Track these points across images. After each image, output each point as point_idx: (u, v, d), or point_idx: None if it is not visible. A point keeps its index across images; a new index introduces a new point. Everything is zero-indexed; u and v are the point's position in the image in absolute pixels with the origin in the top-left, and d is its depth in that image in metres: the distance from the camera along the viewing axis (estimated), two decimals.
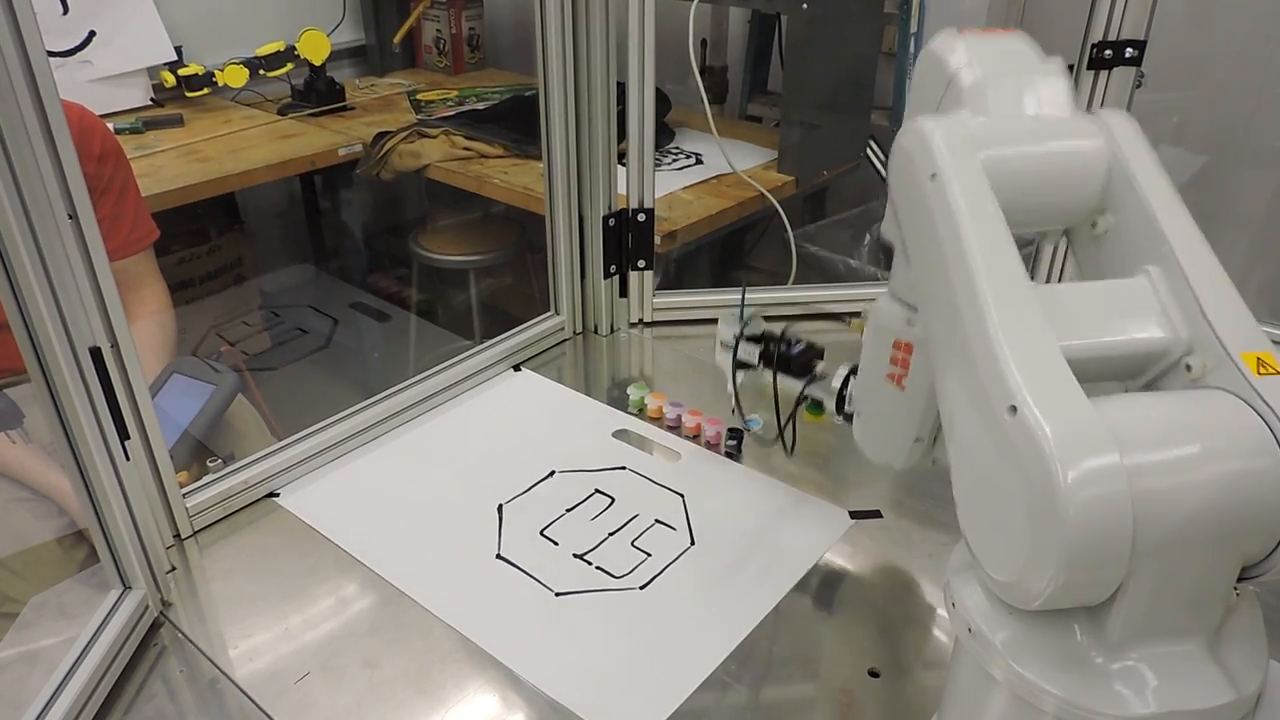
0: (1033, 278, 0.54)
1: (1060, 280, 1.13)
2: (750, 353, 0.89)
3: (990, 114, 0.57)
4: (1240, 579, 0.47)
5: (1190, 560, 0.45)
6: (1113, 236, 0.57)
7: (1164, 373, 0.52)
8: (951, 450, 0.52)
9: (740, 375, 0.90)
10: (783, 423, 0.88)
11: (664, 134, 1.97)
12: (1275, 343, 0.50)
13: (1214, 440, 0.45)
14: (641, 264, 1.20)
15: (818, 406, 0.86)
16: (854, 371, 0.80)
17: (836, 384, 0.82)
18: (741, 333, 0.89)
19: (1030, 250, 1.18)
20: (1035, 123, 0.57)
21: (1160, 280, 0.53)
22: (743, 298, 0.91)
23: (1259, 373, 0.48)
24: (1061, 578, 0.43)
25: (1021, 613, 0.49)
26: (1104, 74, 1.04)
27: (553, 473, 0.95)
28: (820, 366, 0.86)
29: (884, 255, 1.63)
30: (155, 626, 0.78)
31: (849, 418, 0.80)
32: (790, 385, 0.87)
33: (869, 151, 1.85)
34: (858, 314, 0.79)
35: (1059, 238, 0.62)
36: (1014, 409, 0.45)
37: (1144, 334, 0.52)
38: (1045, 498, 0.43)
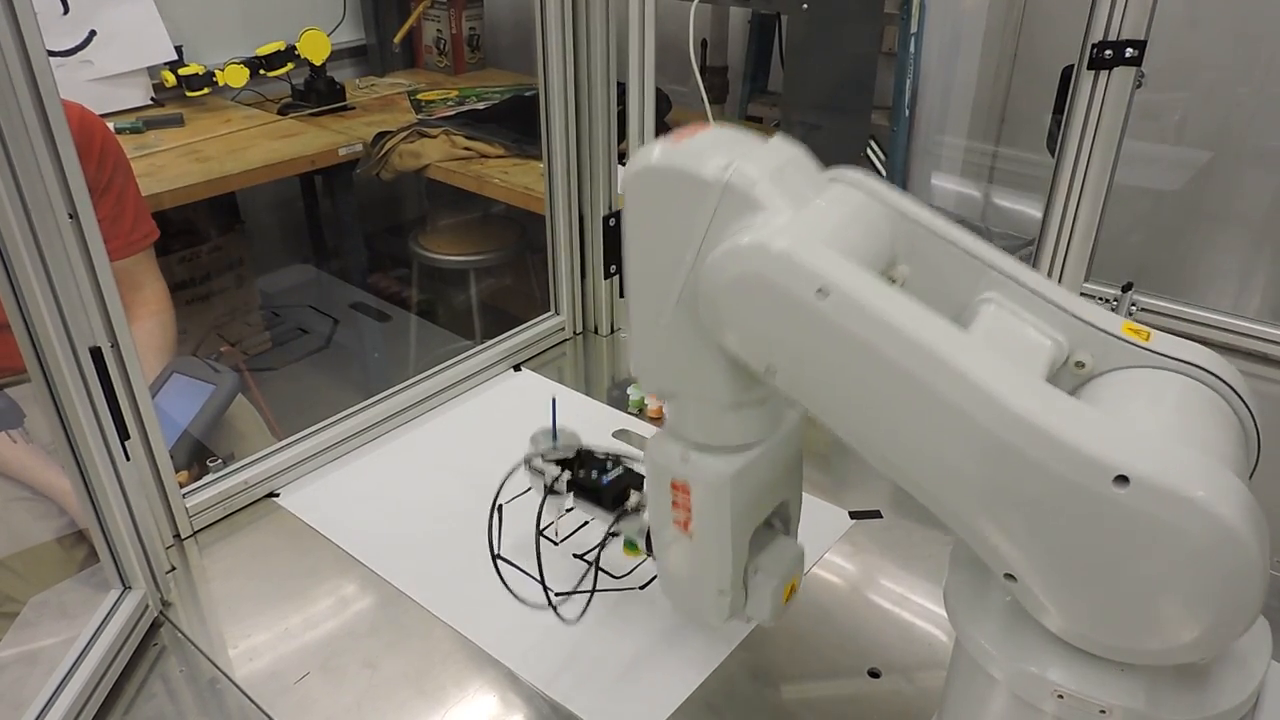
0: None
1: (1061, 280, 1.13)
2: (559, 478, 0.77)
3: (789, 208, 0.51)
4: None
5: None
6: (916, 283, 0.55)
7: (1053, 379, 0.52)
8: (1021, 566, 0.46)
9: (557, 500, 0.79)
10: (593, 560, 0.75)
11: (664, 134, 1.97)
12: (1275, 343, 0.50)
13: (1208, 416, 0.47)
14: None
15: (633, 543, 0.75)
16: None
17: (648, 518, 0.71)
18: (550, 454, 0.78)
19: (1030, 251, 1.18)
20: (828, 200, 0.54)
21: (1007, 302, 0.53)
22: (554, 414, 0.81)
23: (1145, 339, 0.50)
24: (1258, 610, 0.42)
25: (1022, 612, 0.49)
26: (1104, 74, 1.04)
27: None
28: (634, 499, 0.74)
29: None
30: (155, 626, 0.78)
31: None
32: (603, 517, 0.76)
33: (869, 151, 1.85)
34: None
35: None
36: (1124, 479, 0.41)
37: (1042, 350, 0.52)
38: (1221, 543, 0.40)
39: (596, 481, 0.75)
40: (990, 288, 0.54)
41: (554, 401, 0.83)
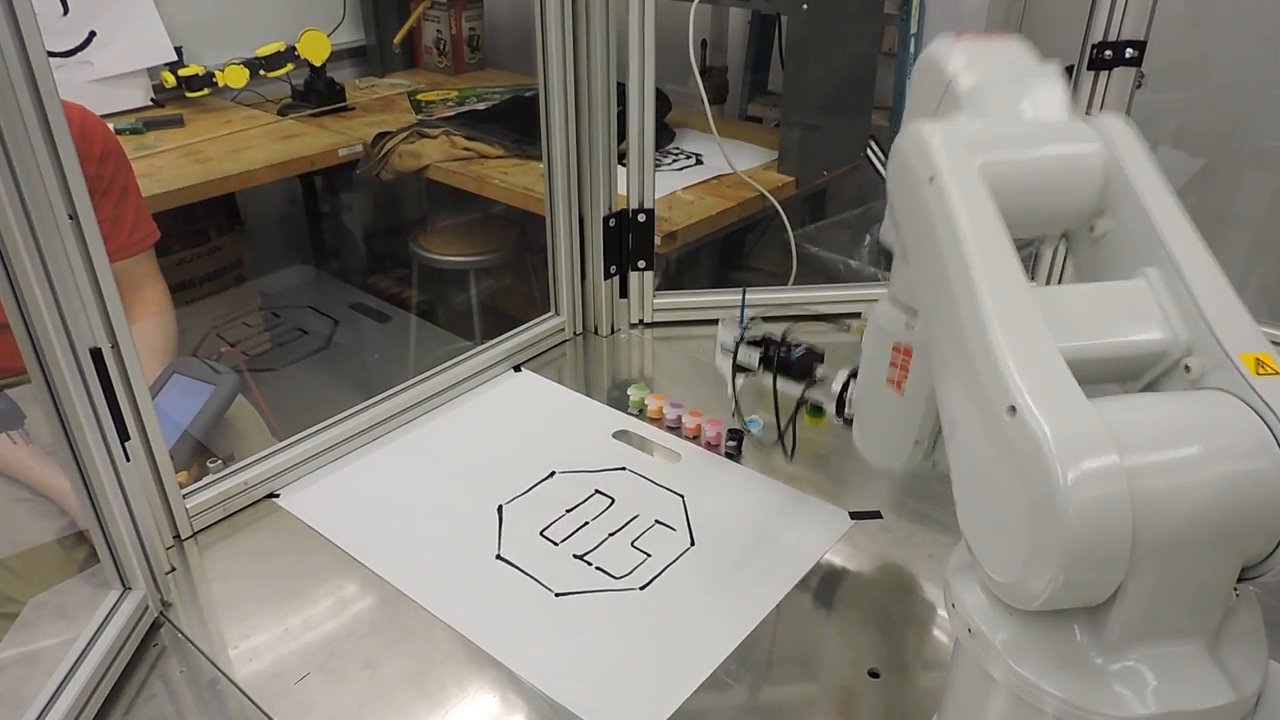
0: (1032, 279, 0.54)
1: (1060, 282, 1.14)
2: (750, 356, 0.89)
3: (988, 118, 0.57)
4: (1240, 579, 0.47)
5: (1190, 561, 0.45)
6: (1111, 240, 0.57)
7: (1163, 374, 0.52)
8: (951, 452, 0.52)
9: (740, 379, 0.90)
10: (782, 426, 0.88)
11: (664, 134, 1.97)
12: (1275, 343, 0.50)
13: (1214, 441, 0.45)
14: (642, 264, 1.20)
15: (818, 410, 0.87)
16: (854, 375, 0.80)
17: (836, 387, 0.83)
18: (742, 336, 0.89)
19: (1031, 251, 1.18)
20: (1033, 127, 0.58)
21: (1158, 282, 0.53)
22: (743, 301, 0.91)
23: (1258, 373, 0.48)
24: (1061, 578, 0.43)
25: (1021, 613, 0.49)
26: (1104, 75, 1.04)
27: (553, 473, 0.95)
28: (820, 370, 0.86)
29: (884, 256, 1.64)
30: (155, 627, 0.78)
31: (849, 421, 0.80)
32: (790, 389, 0.87)
33: (869, 152, 1.85)
34: (857, 315, 0.79)
35: (1057, 241, 0.63)
36: (1013, 409, 0.45)
37: (1142, 335, 0.52)
38: (1045, 498, 0.43)
39: (786, 357, 0.87)
40: (1156, 263, 0.54)
41: (744, 292, 0.96)
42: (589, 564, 0.84)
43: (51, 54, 0.71)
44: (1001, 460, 0.46)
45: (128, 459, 0.75)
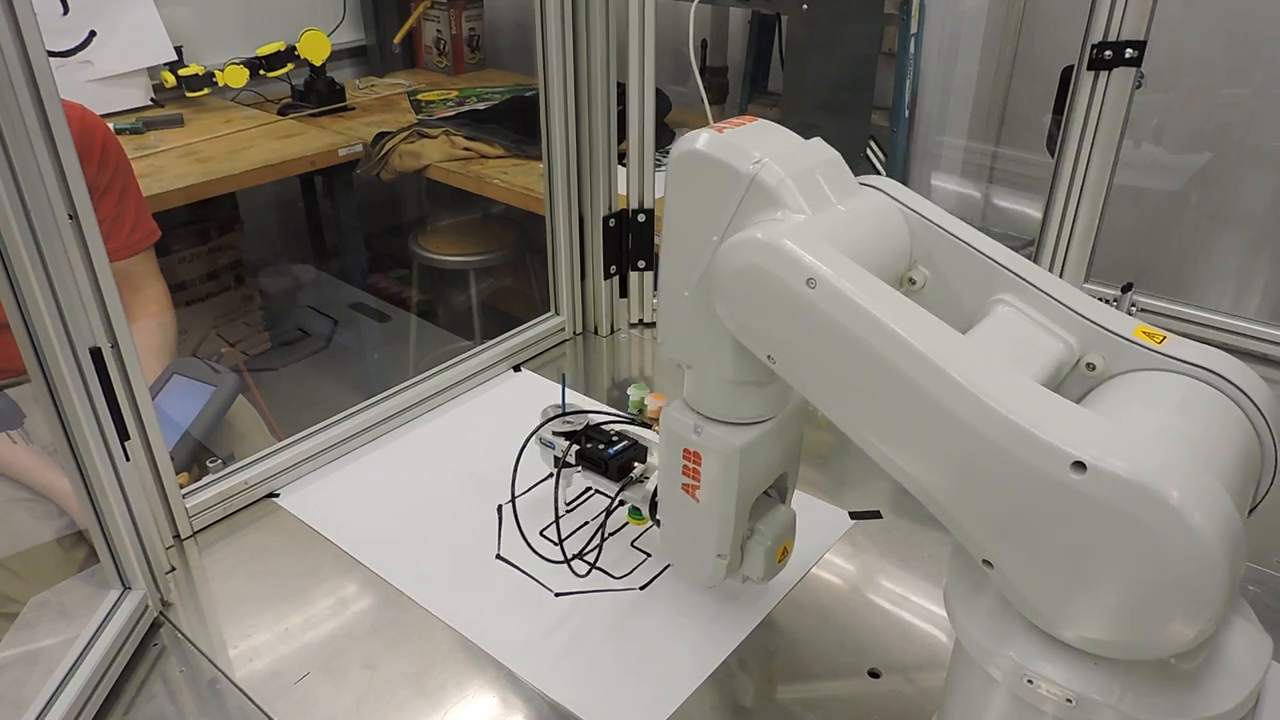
0: None
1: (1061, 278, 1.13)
2: (568, 451, 0.82)
3: (808, 209, 0.55)
4: None
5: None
6: (933, 288, 0.59)
7: (1064, 380, 0.54)
8: (996, 552, 0.47)
9: (568, 473, 0.84)
10: (599, 527, 0.81)
11: (664, 134, 1.97)
12: (1275, 344, 0.50)
13: (1207, 416, 0.47)
14: (642, 264, 1.20)
15: (637, 511, 0.81)
16: None
17: (651, 487, 0.77)
18: (562, 429, 0.83)
19: (1030, 251, 1.18)
20: (850, 205, 0.57)
21: (1022, 305, 0.55)
22: (563, 391, 0.86)
23: (1157, 343, 0.51)
24: (1224, 602, 0.41)
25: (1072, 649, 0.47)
26: (1104, 75, 1.04)
27: (553, 473, 0.95)
28: (639, 469, 0.80)
29: None
30: (155, 626, 0.78)
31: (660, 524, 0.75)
32: (607, 488, 0.81)
33: (869, 151, 1.85)
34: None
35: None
36: (1081, 465, 0.42)
37: (1050, 352, 0.53)
38: (1174, 530, 0.40)
39: (603, 453, 0.80)
40: (1005, 289, 0.56)
41: (564, 377, 0.90)
42: (589, 564, 0.84)
43: (51, 53, 0.71)
44: (1088, 522, 0.42)
45: (127, 459, 0.75)
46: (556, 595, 0.80)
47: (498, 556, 0.85)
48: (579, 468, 0.82)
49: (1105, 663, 0.46)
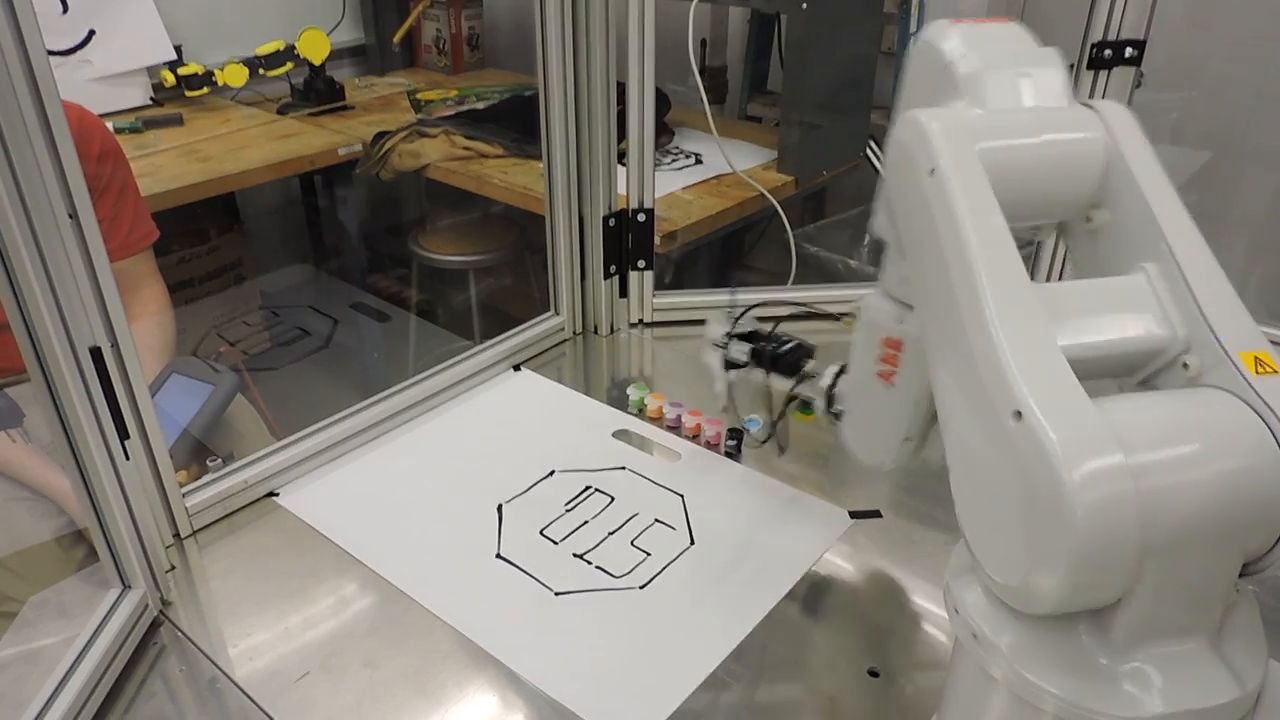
0: (1032, 277, 0.53)
1: (1060, 279, 1.13)
2: (740, 351, 0.88)
3: (987, 105, 0.56)
4: (1241, 575, 0.47)
5: (1194, 559, 0.45)
6: (1109, 232, 0.57)
7: (1160, 370, 0.52)
8: (950, 453, 0.52)
9: (732, 374, 0.89)
10: (775, 421, 0.87)
11: (664, 134, 1.97)
12: (1275, 343, 0.50)
13: (1214, 439, 0.46)
14: (641, 264, 1.20)
15: (807, 406, 0.85)
16: (844, 370, 0.79)
17: (826, 382, 0.81)
18: (732, 331, 0.88)
19: (1030, 250, 1.18)
20: (1033, 114, 0.57)
21: (1158, 278, 0.53)
22: (733, 295, 0.90)
23: (1257, 372, 0.48)
24: (1070, 581, 0.43)
25: (1026, 617, 0.49)
26: (1104, 74, 1.04)
27: (552, 472, 0.95)
28: (810, 365, 0.85)
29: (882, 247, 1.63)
30: (155, 626, 0.78)
31: (838, 417, 0.80)
32: (780, 384, 0.86)
33: (869, 151, 1.84)
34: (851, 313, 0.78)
35: (1053, 232, 0.62)
36: (1019, 414, 0.44)
37: (1142, 332, 0.51)
38: (1052, 501, 0.42)
39: (775, 351, 0.86)
40: (1154, 259, 0.53)
41: (733, 288, 0.94)
42: (589, 563, 0.84)
43: (51, 53, 0.71)
44: (1006, 464, 0.46)
45: (127, 458, 0.75)
46: (556, 595, 0.80)
47: (498, 556, 0.85)
48: (750, 365, 0.87)
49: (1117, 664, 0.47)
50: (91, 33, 1.99)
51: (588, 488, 0.93)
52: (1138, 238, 0.55)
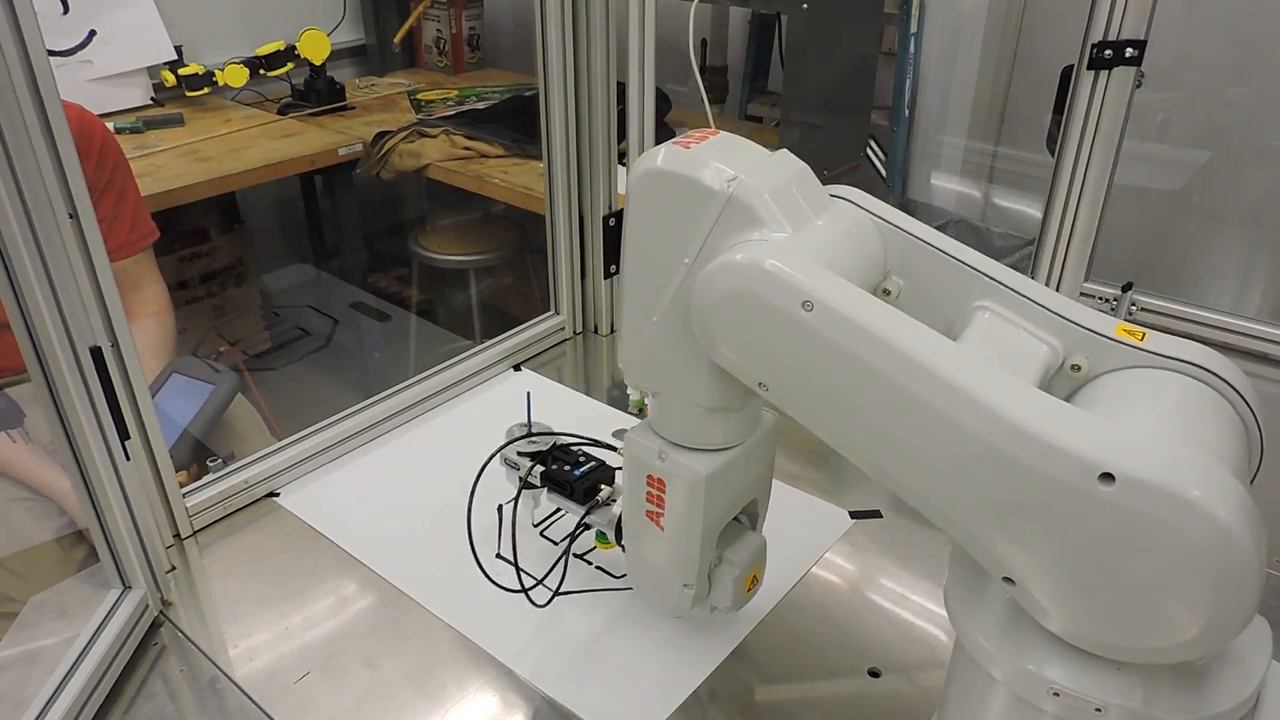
0: (1032, 277, 0.53)
1: (1059, 285, 1.14)
2: (534, 473, 0.79)
3: (789, 226, 0.52)
4: None
5: None
6: (910, 295, 0.58)
7: (1051, 382, 0.53)
8: (1019, 568, 0.46)
9: (529, 495, 0.82)
10: (564, 550, 0.77)
11: (664, 134, 1.97)
12: (1274, 343, 0.50)
13: (1204, 414, 0.47)
14: None
15: (604, 535, 0.77)
16: None
17: (618, 511, 0.73)
18: (526, 449, 0.81)
19: (1029, 250, 1.18)
20: (828, 219, 0.55)
21: (1002, 309, 0.54)
22: (529, 408, 0.83)
23: (1140, 340, 0.50)
24: (1255, 606, 0.41)
25: (1067, 644, 0.47)
26: (1104, 74, 1.04)
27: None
28: (605, 491, 0.76)
29: None
30: (155, 626, 0.78)
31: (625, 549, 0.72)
32: (574, 511, 0.77)
33: (869, 151, 1.84)
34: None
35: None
36: (1109, 476, 0.41)
37: (1038, 356, 0.53)
38: (1211, 538, 0.40)
39: (568, 474, 0.76)
40: (984, 296, 0.55)
41: (529, 396, 0.85)
42: (589, 563, 0.84)
43: (51, 53, 0.71)
44: (1117, 532, 0.42)
45: (127, 458, 0.75)
46: (557, 595, 0.80)
47: (498, 556, 0.85)
48: (544, 489, 0.79)
49: (1125, 667, 0.46)
50: (92, 33, 1.99)
51: (558, 509, 0.93)
52: (951, 289, 0.56)
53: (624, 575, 0.82)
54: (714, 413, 0.59)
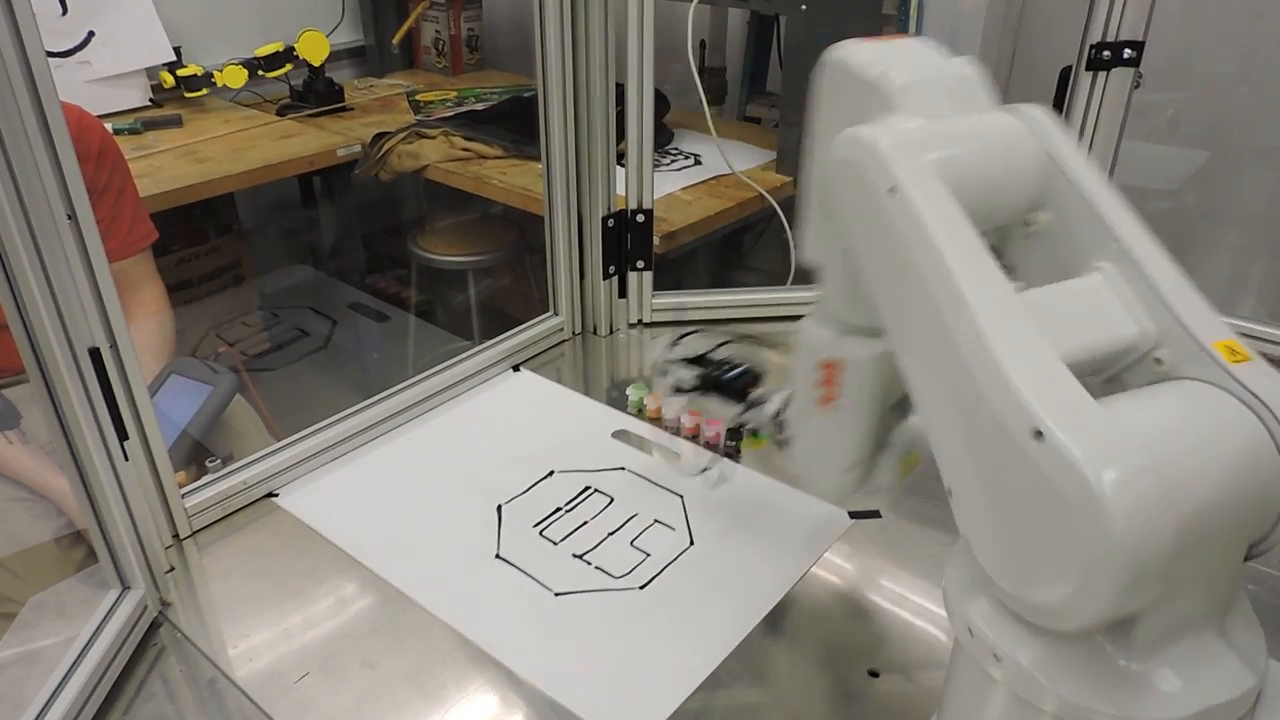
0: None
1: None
2: (687, 376, 0.86)
3: (924, 117, 0.55)
4: (1245, 559, 0.48)
5: (1212, 551, 0.45)
6: (1051, 234, 0.57)
7: (1128, 367, 0.52)
8: (952, 477, 0.50)
9: (681, 399, 0.88)
10: (727, 448, 0.85)
11: (663, 135, 1.98)
12: (1275, 343, 0.50)
13: (1214, 431, 0.46)
14: (640, 264, 1.20)
15: (755, 433, 0.82)
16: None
17: (773, 408, 0.78)
18: (677, 355, 0.86)
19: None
20: (970, 122, 0.56)
21: (1116, 276, 0.53)
22: (684, 333, 0.87)
23: (1233, 360, 0.48)
24: (1114, 592, 0.42)
25: (1043, 631, 0.48)
26: (1102, 75, 1.04)
27: (552, 473, 0.95)
28: (758, 391, 0.81)
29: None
30: (154, 626, 0.78)
31: (785, 443, 0.76)
32: (728, 410, 0.83)
33: None
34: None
35: (991, 239, 0.61)
36: (1039, 434, 0.43)
37: (1115, 332, 0.51)
38: (1088, 516, 0.41)
39: (721, 377, 0.83)
40: (1109, 257, 0.53)
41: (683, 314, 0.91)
42: (588, 563, 0.84)
43: (50, 54, 0.71)
44: (1031, 487, 0.44)
45: (126, 459, 0.75)
46: (556, 595, 0.80)
47: (497, 556, 0.85)
48: (696, 392, 0.85)
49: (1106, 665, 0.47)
50: (91, 34, 1.99)
51: (587, 488, 0.93)
52: (1085, 238, 0.54)
53: (624, 576, 0.82)
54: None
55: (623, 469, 0.96)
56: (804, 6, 1.61)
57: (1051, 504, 0.43)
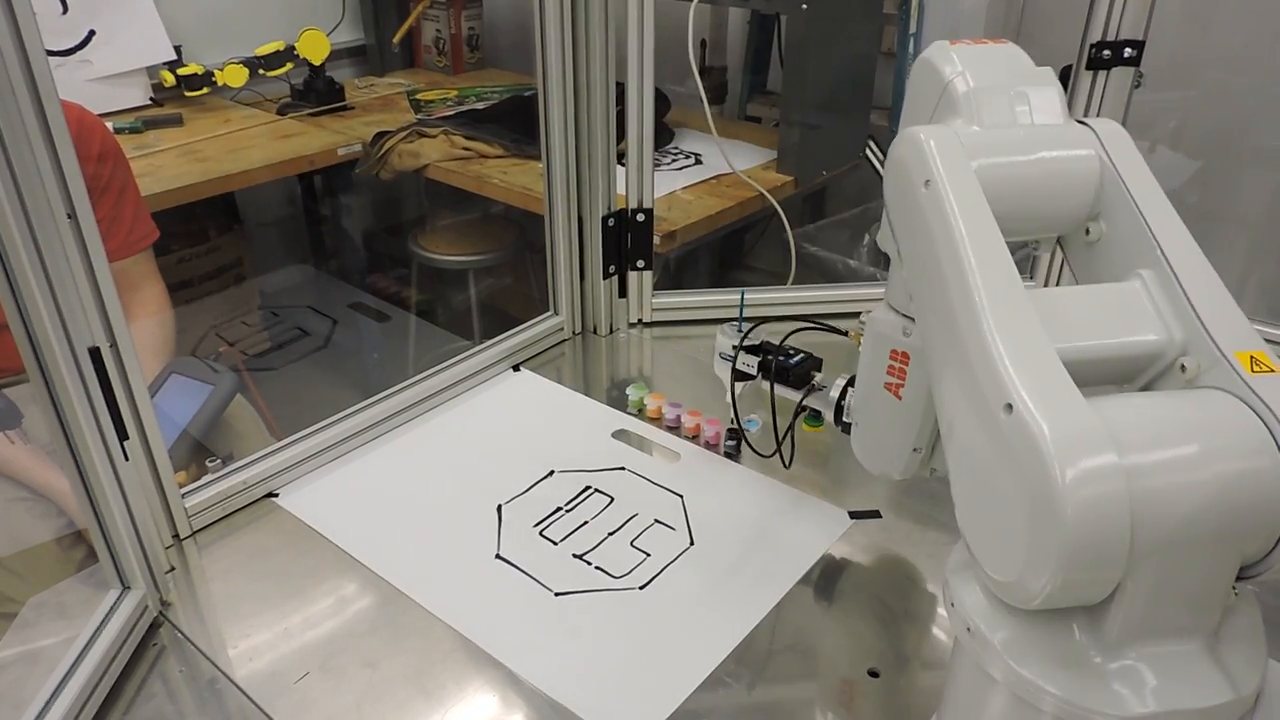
0: (1030, 280, 0.53)
1: (1059, 284, 1.14)
2: (749, 363, 0.90)
3: (984, 123, 0.58)
4: (1239, 578, 0.47)
5: (1189, 560, 0.45)
6: (1105, 243, 0.58)
7: (1159, 375, 0.52)
8: (950, 453, 0.52)
9: (740, 386, 0.91)
10: (781, 434, 0.88)
11: (663, 134, 1.97)
12: (1273, 343, 0.50)
13: (1212, 439, 0.46)
14: (640, 264, 1.20)
15: (816, 417, 0.87)
16: (851, 382, 0.81)
17: (834, 394, 0.83)
18: (741, 343, 0.89)
19: (1027, 253, 1.18)
20: (1029, 131, 0.58)
21: (1153, 284, 0.54)
22: (741, 305, 0.91)
23: (1253, 370, 0.48)
24: (1060, 577, 0.43)
25: (1021, 612, 0.49)
26: (1102, 74, 1.04)
27: (552, 473, 0.95)
28: (818, 377, 0.87)
29: (883, 257, 1.63)
30: (154, 626, 0.78)
31: (847, 428, 0.81)
32: (789, 396, 0.88)
33: (868, 151, 1.84)
34: (856, 314, 0.80)
35: (1053, 245, 0.62)
36: (1010, 407, 0.45)
37: (1138, 336, 0.52)
38: (1043, 496, 0.43)
39: (784, 364, 0.88)
40: (1149, 265, 0.55)
41: (742, 295, 0.95)
42: (588, 563, 0.84)
43: (50, 53, 0.71)
44: (999, 459, 0.46)
45: (126, 458, 0.75)
46: (556, 595, 0.80)
47: (497, 556, 0.85)
48: (759, 377, 0.89)
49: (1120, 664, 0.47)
50: (91, 33, 1.99)
51: (587, 488, 0.93)
52: (1133, 248, 0.56)
53: (624, 576, 0.82)
54: None
55: (623, 469, 0.96)
56: (805, 6, 1.60)
57: (1014, 479, 0.45)
